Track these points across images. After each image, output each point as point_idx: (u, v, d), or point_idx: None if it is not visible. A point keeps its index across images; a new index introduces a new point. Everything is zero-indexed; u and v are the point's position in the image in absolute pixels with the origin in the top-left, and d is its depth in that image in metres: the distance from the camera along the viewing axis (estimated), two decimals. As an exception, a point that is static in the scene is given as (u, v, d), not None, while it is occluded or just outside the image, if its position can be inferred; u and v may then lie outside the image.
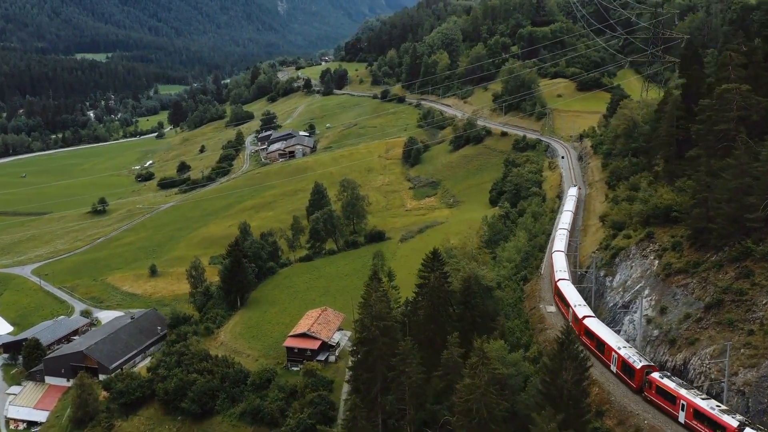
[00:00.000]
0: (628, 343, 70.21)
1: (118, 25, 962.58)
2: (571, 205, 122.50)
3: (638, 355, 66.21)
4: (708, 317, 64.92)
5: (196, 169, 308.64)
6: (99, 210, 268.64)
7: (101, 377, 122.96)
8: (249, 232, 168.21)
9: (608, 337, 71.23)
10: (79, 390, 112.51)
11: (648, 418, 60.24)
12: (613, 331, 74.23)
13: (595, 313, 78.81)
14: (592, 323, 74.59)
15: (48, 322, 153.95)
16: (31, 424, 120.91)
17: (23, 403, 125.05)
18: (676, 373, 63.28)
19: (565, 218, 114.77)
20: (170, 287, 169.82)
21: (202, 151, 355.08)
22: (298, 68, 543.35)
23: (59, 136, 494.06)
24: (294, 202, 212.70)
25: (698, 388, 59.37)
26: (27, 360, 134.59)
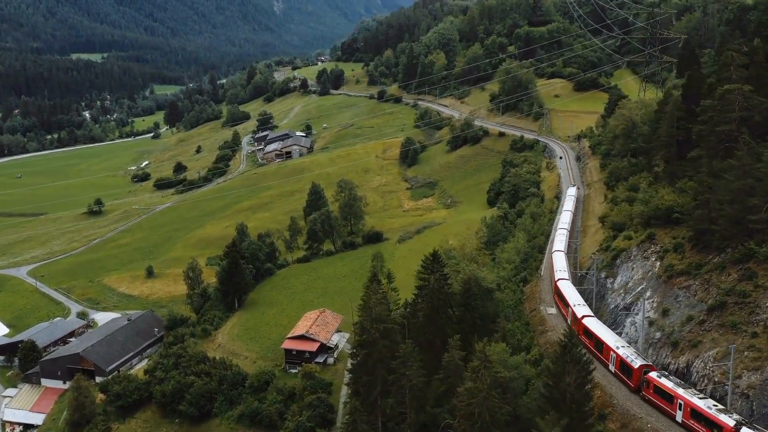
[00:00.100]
0: (626, 343, 69.81)
1: (113, 25, 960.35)
2: (570, 205, 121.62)
3: (636, 355, 65.87)
4: (711, 319, 64.43)
5: (192, 170, 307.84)
6: (95, 211, 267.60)
7: (98, 379, 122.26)
8: (246, 233, 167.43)
9: (607, 336, 70.87)
10: (76, 392, 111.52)
11: (651, 422, 59.71)
12: (615, 333, 73.78)
13: (597, 315, 78.33)
14: (591, 323, 74.15)
15: (44, 324, 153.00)
16: (27, 426, 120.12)
17: (19, 406, 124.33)
18: (679, 376, 62.78)
19: (565, 218, 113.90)
20: (167, 288, 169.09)
21: (198, 152, 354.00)
22: (294, 68, 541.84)
23: (55, 137, 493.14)
24: (291, 203, 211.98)
25: (702, 392, 58.93)
26: (23, 362, 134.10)
